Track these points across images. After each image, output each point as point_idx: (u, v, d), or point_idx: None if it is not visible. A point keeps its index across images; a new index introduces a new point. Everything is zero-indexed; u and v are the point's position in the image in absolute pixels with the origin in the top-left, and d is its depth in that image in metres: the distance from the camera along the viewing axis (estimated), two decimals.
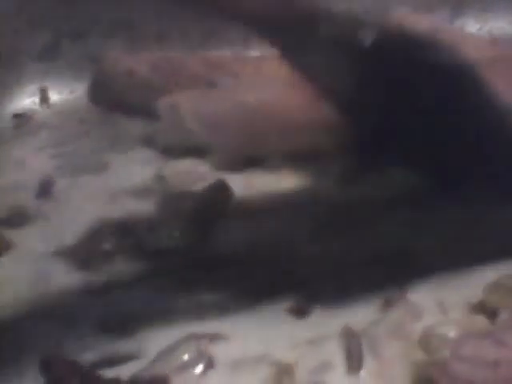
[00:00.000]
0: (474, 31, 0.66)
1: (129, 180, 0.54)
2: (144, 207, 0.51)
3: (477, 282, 0.44)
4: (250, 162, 0.54)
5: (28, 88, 0.61)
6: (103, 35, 0.60)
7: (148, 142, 0.57)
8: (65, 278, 0.46)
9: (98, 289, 0.46)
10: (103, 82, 0.60)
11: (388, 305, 0.44)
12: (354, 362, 0.41)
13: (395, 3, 0.60)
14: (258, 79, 0.58)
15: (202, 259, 0.48)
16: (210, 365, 0.41)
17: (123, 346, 0.42)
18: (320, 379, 0.40)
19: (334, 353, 0.41)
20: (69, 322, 0.43)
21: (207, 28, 0.60)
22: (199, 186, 0.52)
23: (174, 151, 0.55)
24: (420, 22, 0.60)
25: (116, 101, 0.59)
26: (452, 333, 0.41)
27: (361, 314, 0.43)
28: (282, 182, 0.53)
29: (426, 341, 0.41)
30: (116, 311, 0.44)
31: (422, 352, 0.41)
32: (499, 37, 0.65)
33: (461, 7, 0.66)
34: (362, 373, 0.40)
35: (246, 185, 0.53)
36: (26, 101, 0.61)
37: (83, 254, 0.48)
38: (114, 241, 0.49)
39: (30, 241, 0.49)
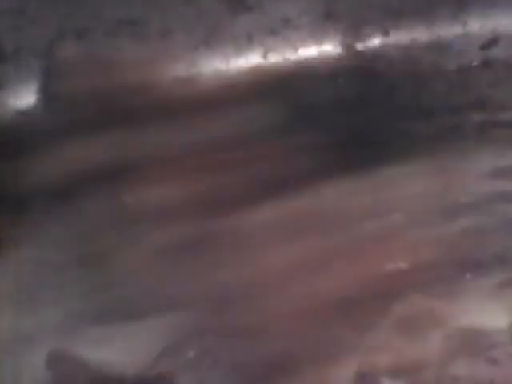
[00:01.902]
0: (476, 29, 0.66)
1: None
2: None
3: None
4: None
5: (31, 86, 0.61)
6: (106, 33, 0.60)
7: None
8: (66, 274, 0.47)
9: (100, 285, 0.46)
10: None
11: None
12: None
13: (397, 1, 0.60)
14: None
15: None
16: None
17: (126, 342, 0.42)
18: None
19: None
20: (70, 316, 0.43)
21: (211, 24, 0.60)
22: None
23: None
24: None
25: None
26: None
27: None
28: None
29: None
30: (119, 307, 0.44)
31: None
32: (502, 35, 0.65)
33: (463, 5, 0.66)
34: None
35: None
36: (29, 98, 0.61)
37: (86, 250, 0.48)
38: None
39: (33, 240, 0.49)
